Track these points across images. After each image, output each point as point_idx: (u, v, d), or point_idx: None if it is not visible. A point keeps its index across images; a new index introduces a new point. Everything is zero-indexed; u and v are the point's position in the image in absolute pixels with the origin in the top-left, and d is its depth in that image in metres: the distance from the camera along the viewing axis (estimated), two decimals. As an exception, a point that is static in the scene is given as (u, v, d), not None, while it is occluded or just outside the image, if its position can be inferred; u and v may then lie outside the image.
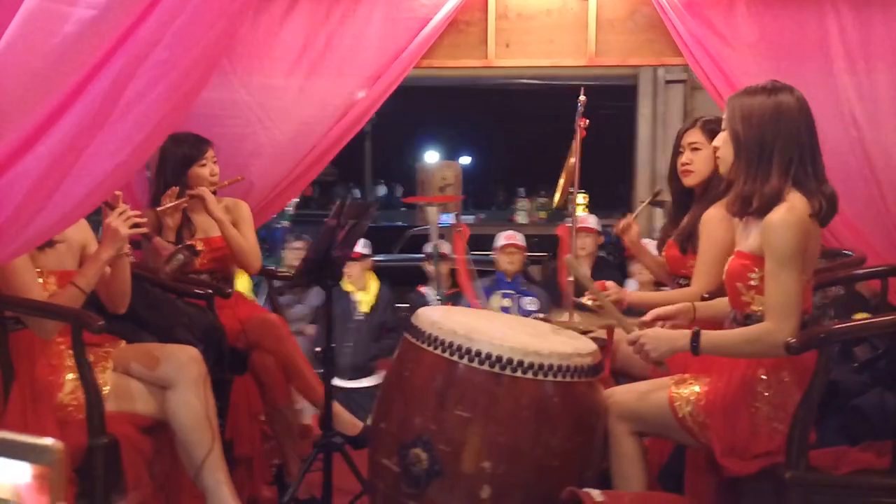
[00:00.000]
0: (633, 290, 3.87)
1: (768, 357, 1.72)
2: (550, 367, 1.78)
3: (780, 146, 1.77)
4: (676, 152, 2.55)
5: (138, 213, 2.04)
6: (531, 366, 1.77)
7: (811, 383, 1.64)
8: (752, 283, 1.77)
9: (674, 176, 2.57)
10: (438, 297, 3.95)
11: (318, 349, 2.47)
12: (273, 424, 2.65)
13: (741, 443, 1.73)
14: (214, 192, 2.62)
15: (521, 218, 8.73)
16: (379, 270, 4.43)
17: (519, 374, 1.77)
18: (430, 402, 1.83)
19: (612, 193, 11.42)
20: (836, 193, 1.79)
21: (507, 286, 3.92)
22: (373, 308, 4.12)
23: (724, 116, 1.90)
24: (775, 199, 1.74)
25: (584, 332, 2.21)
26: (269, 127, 3.00)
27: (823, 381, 1.64)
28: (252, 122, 2.98)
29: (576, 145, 2.69)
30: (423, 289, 4.26)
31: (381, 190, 18.62)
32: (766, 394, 1.74)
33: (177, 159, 2.56)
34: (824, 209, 1.74)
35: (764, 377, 1.75)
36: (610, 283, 2.47)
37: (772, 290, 1.69)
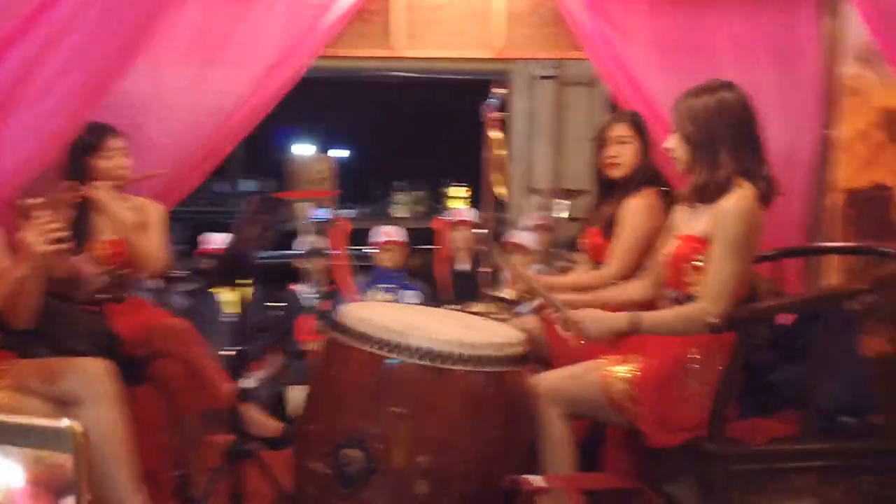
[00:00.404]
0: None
1: (697, 333, 1.81)
2: (486, 358, 1.79)
3: (725, 138, 1.91)
4: (600, 145, 2.63)
5: (60, 225, 1.84)
6: (468, 358, 1.76)
7: (731, 361, 1.73)
8: (697, 264, 1.87)
9: (599, 169, 2.65)
10: (314, 296, 3.85)
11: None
12: (177, 435, 2.51)
13: (670, 417, 1.81)
14: (122, 188, 2.44)
15: (399, 212, 8.84)
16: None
17: (456, 367, 1.76)
18: (363, 400, 1.79)
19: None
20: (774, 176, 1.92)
21: (387, 280, 3.86)
22: (243, 308, 3.92)
23: (674, 120, 1.99)
24: (726, 186, 1.86)
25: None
26: (164, 118, 2.83)
27: (743, 359, 1.74)
28: (146, 113, 2.80)
29: (492, 137, 2.73)
30: (296, 287, 4.06)
31: (251, 185, 17.97)
32: (696, 371, 1.83)
33: (74, 148, 2.34)
34: (768, 191, 1.88)
35: (696, 356, 1.84)
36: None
37: (713, 273, 1.80)
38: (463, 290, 3.82)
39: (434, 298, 3.92)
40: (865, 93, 2.92)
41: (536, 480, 1.72)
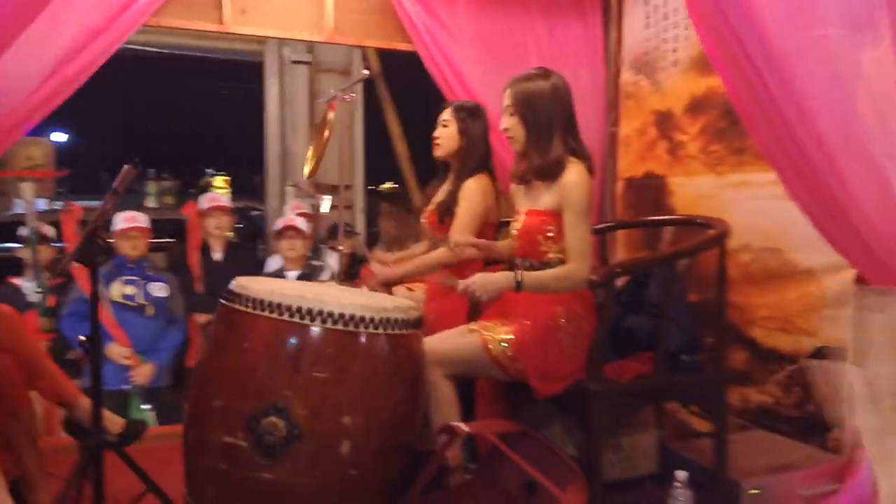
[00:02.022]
0: (278, 265, 4.19)
1: (572, 292, 2.12)
2: (395, 321, 1.92)
3: (558, 120, 2.19)
4: (433, 129, 2.87)
5: None
6: (381, 321, 1.89)
7: (604, 311, 2.07)
8: (549, 234, 2.17)
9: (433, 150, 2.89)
10: (39, 290, 3.61)
11: (81, 338, 2.16)
12: (8, 435, 2.25)
13: (551, 368, 2.10)
14: None
15: (151, 202, 8.39)
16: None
17: (371, 329, 1.87)
18: (280, 369, 1.82)
19: (243, 176, 11.42)
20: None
21: (129, 272, 3.66)
22: None
23: (508, 102, 2.24)
24: (559, 166, 2.15)
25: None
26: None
27: (612, 309, 2.09)
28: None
29: (328, 119, 2.84)
30: (17, 280, 3.77)
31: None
32: (565, 326, 2.14)
33: None
34: (591, 167, 2.23)
35: (562, 313, 2.14)
36: (374, 266, 2.70)
37: (572, 238, 2.10)
38: (216, 282, 3.61)
39: (184, 290, 3.84)
40: (640, 97, 3.51)
41: (463, 427, 1.90)
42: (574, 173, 2.12)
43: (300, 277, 4.14)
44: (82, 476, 2.10)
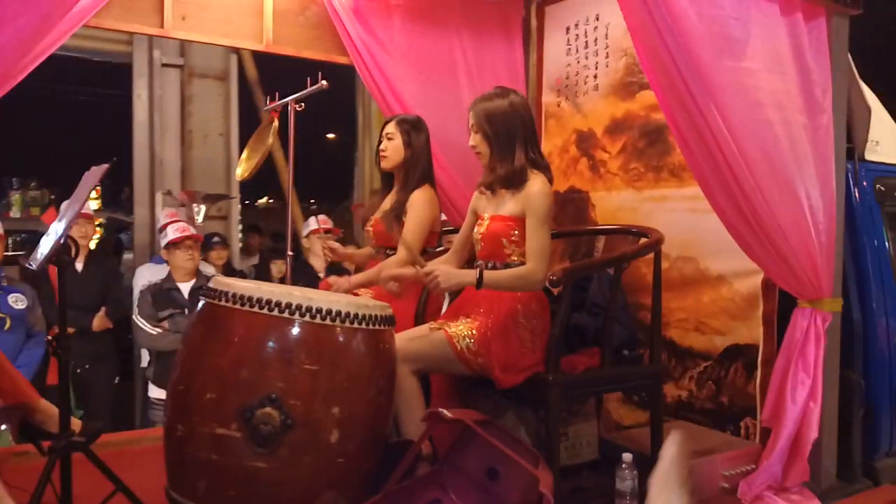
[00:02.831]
0: (153, 277, 4.30)
1: (528, 290, 2.35)
2: (375, 317, 2.07)
3: (518, 133, 2.43)
4: (379, 141, 3.03)
5: None
6: (364, 317, 2.03)
7: (561, 308, 2.30)
8: (513, 238, 2.39)
9: (377, 161, 3.04)
10: None
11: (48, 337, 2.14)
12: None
13: (512, 361, 2.31)
14: None
15: (15, 212, 8.00)
16: None
17: (356, 325, 2.01)
18: (273, 361, 1.93)
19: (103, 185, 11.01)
20: None
21: None
22: None
23: (472, 121, 2.47)
24: (522, 175, 2.39)
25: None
26: None
27: (569, 306, 2.33)
28: None
29: (274, 127, 2.96)
30: None
31: None
32: (524, 323, 2.35)
33: None
34: (550, 178, 2.46)
35: (522, 311, 2.36)
36: (332, 280, 2.83)
37: (533, 242, 2.33)
38: (76, 294, 3.68)
39: (44, 302, 3.81)
40: (562, 117, 3.84)
41: (447, 413, 2.06)
42: (538, 184, 2.36)
43: (195, 289, 4.19)
44: (47, 480, 2.09)
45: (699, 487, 2.49)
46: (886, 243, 3.07)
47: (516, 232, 2.38)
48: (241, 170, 3.13)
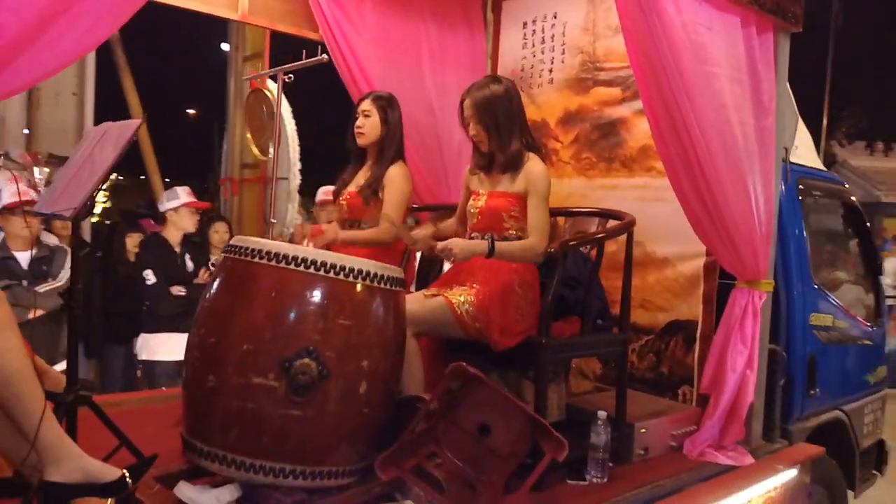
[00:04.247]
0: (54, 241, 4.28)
1: (530, 262, 2.59)
2: (396, 279, 2.24)
3: (515, 118, 2.66)
4: (353, 118, 3.16)
5: None
6: (388, 279, 2.20)
7: (554, 279, 2.55)
8: (513, 213, 2.62)
9: (352, 138, 3.18)
10: None
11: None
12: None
13: (509, 325, 2.54)
14: None
15: None
16: None
17: (382, 285, 2.18)
18: (311, 316, 2.06)
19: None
20: None
21: None
22: None
23: (468, 112, 2.67)
24: (520, 157, 2.62)
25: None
26: None
27: (561, 278, 2.59)
28: None
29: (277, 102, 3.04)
30: None
31: None
32: (519, 292, 2.59)
33: None
34: (544, 158, 2.71)
35: (517, 281, 2.60)
36: (325, 226, 2.95)
37: (535, 218, 2.58)
38: None
39: None
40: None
41: (470, 369, 2.25)
42: (539, 165, 2.61)
43: (35, 261, 4.06)
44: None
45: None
46: (804, 233, 3.54)
47: (516, 208, 2.62)
48: (258, 149, 3.17)
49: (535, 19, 3.97)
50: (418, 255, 3.29)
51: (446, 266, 3.00)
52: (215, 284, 2.20)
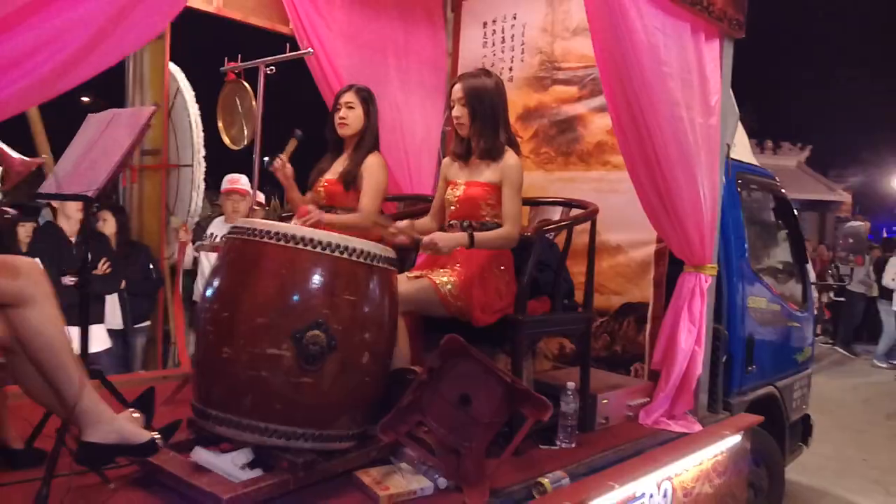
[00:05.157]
0: None
1: (506, 248, 2.84)
2: (389, 258, 2.46)
3: (500, 112, 2.91)
4: (334, 110, 3.34)
5: None
6: (385, 258, 2.42)
7: (530, 261, 2.82)
8: (490, 202, 2.86)
9: (331, 128, 3.36)
10: None
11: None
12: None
13: (489, 303, 2.79)
14: None
15: None
16: None
17: (380, 264, 2.39)
18: (319, 291, 2.25)
19: None
20: None
21: None
22: None
23: (459, 94, 2.89)
24: (501, 150, 2.87)
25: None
26: None
27: (536, 260, 2.85)
28: None
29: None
30: None
31: None
32: (497, 273, 2.85)
33: None
34: (519, 153, 2.96)
35: (495, 263, 2.86)
36: (311, 208, 3.13)
37: (509, 208, 2.83)
38: None
39: None
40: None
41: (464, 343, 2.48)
42: (514, 158, 2.87)
43: None
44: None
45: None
46: (742, 223, 3.92)
47: (493, 196, 2.87)
48: (229, 139, 3.28)
49: (496, 19, 4.23)
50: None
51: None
52: (224, 264, 2.37)
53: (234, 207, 4.71)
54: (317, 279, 2.27)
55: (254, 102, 3.33)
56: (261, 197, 5.29)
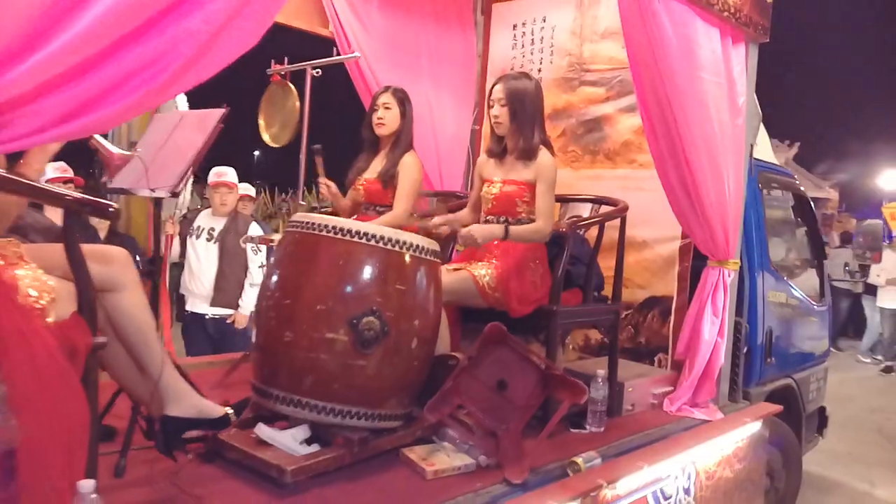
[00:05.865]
0: None
1: (539, 242, 3.02)
2: (434, 251, 2.64)
3: (538, 113, 3.09)
4: (372, 110, 3.52)
5: None
6: (433, 251, 2.60)
7: (564, 254, 3.00)
8: (525, 199, 3.04)
9: (368, 127, 3.53)
10: None
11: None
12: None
13: (525, 295, 2.97)
14: None
15: None
16: None
17: (428, 257, 2.57)
18: (373, 281, 2.44)
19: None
20: None
21: None
22: None
23: (500, 95, 3.07)
24: (536, 149, 3.05)
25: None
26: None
27: (570, 254, 3.03)
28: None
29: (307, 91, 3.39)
30: None
31: None
32: (533, 266, 3.03)
33: None
34: (553, 154, 3.13)
35: (531, 257, 3.04)
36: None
37: (543, 204, 3.01)
38: None
39: None
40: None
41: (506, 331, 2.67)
42: (549, 157, 3.05)
43: None
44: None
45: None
46: (764, 220, 4.08)
47: (527, 194, 3.05)
48: (270, 136, 3.46)
49: (525, 22, 4.40)
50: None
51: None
52: (285, 255, 2.56)
53: (222, 200, 4.76)
54: (371, 270, 2.45)
55: (297, 103, 3.51)
56: (251, 190, 5.42)
